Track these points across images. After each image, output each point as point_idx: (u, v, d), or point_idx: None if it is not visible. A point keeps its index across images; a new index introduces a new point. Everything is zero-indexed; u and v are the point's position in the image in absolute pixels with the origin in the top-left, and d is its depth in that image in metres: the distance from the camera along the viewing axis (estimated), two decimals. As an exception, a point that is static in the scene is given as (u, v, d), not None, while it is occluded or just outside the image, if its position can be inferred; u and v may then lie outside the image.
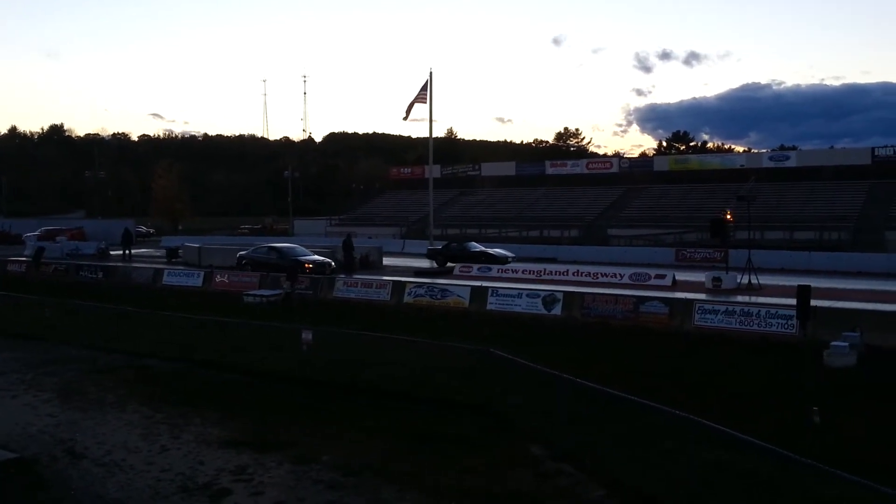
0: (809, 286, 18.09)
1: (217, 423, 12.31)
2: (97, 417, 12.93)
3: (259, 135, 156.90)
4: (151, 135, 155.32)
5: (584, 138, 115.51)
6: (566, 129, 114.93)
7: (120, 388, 14.85)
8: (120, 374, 16.09)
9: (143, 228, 72.41)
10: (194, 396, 14.00)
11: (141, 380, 15.51)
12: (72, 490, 9.66)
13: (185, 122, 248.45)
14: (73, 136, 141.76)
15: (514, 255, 37.44)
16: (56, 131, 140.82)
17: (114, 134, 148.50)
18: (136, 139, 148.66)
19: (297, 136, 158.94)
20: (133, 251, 45.85)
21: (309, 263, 31.52)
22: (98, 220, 73.56)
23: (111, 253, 45.81)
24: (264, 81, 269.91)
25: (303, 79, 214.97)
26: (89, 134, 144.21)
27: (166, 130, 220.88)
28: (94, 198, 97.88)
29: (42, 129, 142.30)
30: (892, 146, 56.57)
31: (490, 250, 37.43)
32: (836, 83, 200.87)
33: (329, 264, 32.59)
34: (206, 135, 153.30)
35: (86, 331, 20.06)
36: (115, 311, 21.27)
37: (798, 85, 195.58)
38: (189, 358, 17.01)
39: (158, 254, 45.99)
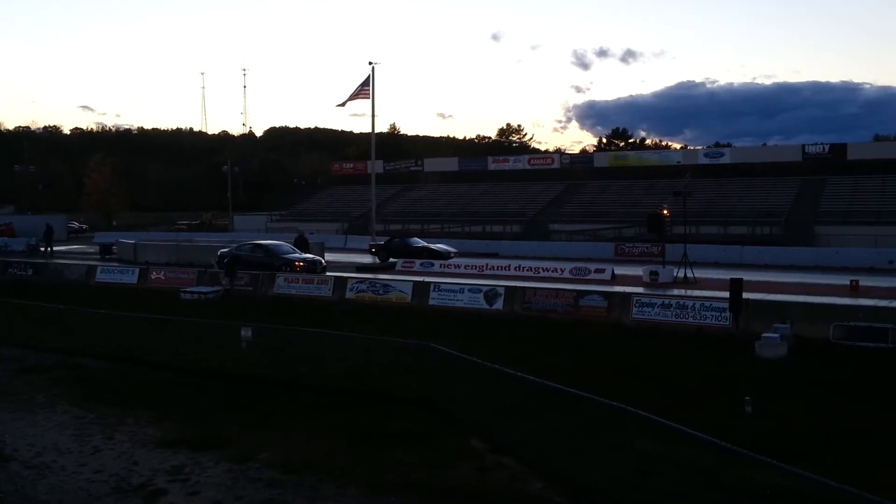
0: (742, 279, 18.64)
1: (152, 423, 12.05)
2: (26, 418, 12.55)
3: (197, 129, 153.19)
4: (84, 128, 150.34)
5: (526, 134, 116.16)
6: (508, 125, 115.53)
7: (51, 388, 14.44)
8: (51, 373, 15.63)
9: (76, 224, 70.10)
10: (128, 396, 13.69)
11: (73, 379, 15.08)
12: (0, 493, 9.34)
13: (117, 115, 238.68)
14: (3, 129, 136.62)
15: (456, 251, 37.48)
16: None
17: (45, 127, 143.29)
18: (69, 132, 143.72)
19: (236, 130, 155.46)
20: (64, 248, 44.39)
21: (300, 261, 29.92)
22: (28, 215, 70.94)
23: (42, 249, 44.35)
24: (202, 74, 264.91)
25: (242, 72, 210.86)
26: (19, 127, 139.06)
27: (98, 123, 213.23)
28: (25, 193, 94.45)
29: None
30: (821, 143, 58.48)
31: (432, 246, 37.39)
32: (768, 82, 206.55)
33: (319, 262, 31.03)
34: (141, 128, 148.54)
35: (14, 329, 19.37)
36: (45, 308, 20.57)
37: (731, 83, 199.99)
38: (123, 356, 16.59)
39: (92, 250, 44.64)
